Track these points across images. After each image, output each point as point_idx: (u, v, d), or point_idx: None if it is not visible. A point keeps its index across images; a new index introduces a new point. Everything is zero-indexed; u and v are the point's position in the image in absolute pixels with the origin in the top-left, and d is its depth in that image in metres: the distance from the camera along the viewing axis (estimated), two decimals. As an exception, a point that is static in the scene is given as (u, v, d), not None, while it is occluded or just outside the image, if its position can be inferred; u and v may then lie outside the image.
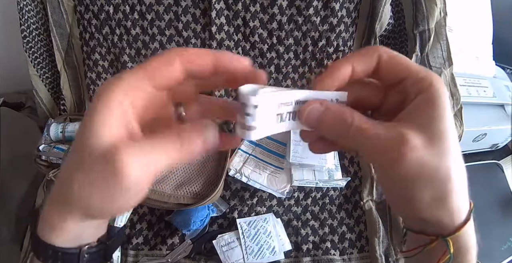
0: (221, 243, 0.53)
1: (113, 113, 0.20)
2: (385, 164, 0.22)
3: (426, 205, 0.22)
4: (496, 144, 0.76)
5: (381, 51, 0.24)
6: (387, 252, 0.55)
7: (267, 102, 0.21)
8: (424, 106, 0.22)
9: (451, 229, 0.24)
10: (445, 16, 0.57)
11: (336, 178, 0.57)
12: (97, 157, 0.20)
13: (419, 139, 0.21)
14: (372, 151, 0.22)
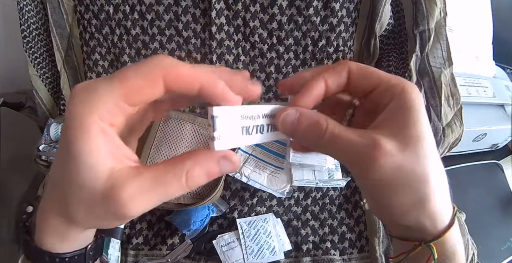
0: (221, 243, 0.53)
1: (99, 140, 0.18)
2: (360, 170, 0.22)
3: (405, 210, 0.22)
4: (496, 144, 0.76)
5: (350, 64, 0.24)
6: (387, 252, 0.55)
7: (226, 114, 0.21)
8: (397, 112, 0.22)
9: (434, 234, 0.23)
10: (445, 16, 0.57)
11: (336, 178, 0.57)
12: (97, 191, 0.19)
13: (392, 144, 0.21)
14: (346, 157, 0.22)
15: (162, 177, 0.19)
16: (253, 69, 0.62)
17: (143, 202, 0.19)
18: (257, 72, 0.62)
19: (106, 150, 0.19)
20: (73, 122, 0.18)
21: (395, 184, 0.21)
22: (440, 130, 0.56)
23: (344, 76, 0.24)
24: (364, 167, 0.21)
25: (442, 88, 0.57)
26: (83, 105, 0.18)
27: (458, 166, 0.70)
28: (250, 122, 0.23)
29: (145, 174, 0.19)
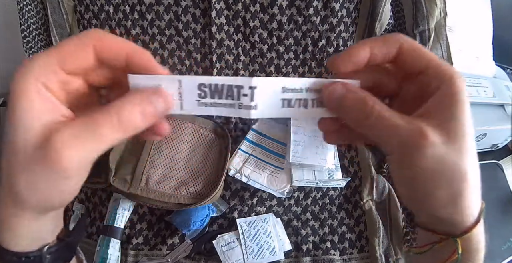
0: (221, 243, 0.53)
1: (34, 100, 0.19)
2: (402, 157, 0.22)
3: (440, 203, 0.22)
4: (496, 144, 0.76)
5: (403, 39, 0.23)
6: (387, 252, 0.55)
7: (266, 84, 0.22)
8: (444, 102, 0.21)
9: (462, 229, 0.23)
10: (445, 16, 0.57)
11: (336, 178, 0.57)
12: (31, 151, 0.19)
13: (437, 135, 0.20)
14: (389, 142, 0.22)
15: (93, 119, 0.19)
16: (253, 69, 0.62)
17: (77, 147, 0.19)
18: (257, 72, 0.62)
19: (41, 107, 0.19)
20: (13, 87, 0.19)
21: (435, 176, 0.21)
22: (440, 130, 0.56)
23: (393, 49, 0.23)
24: (408, 155, 0.21)
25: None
26: (21, 71, 0.20)
27: (458, 166, 0.70)
28: (292, 95, 0.23)
29: (77, 120, 0.20)
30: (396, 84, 0.25)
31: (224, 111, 0.23)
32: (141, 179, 0.52)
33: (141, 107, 0.20)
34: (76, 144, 0.19)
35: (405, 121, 0.21)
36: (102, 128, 0.19)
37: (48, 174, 0.19)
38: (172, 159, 0.55)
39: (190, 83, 0.22)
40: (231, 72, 0.62)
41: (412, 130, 0.20)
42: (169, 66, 0.61)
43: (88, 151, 0.19)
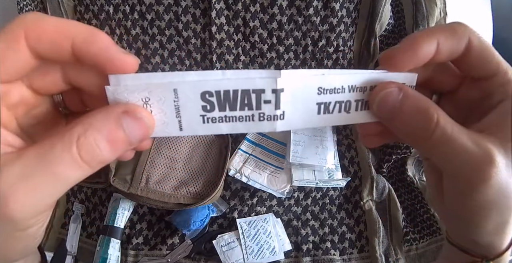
0: (221, 243, 0.53)
1: None
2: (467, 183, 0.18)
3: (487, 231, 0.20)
4: (496, 144, 0.76)
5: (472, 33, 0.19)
6: (387, 252, 0.55)
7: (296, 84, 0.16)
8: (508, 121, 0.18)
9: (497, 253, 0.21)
10: (445, 16, 0.57)
11: (336, 178, 0.57)
12: None
13: (502, 158, 0.17)
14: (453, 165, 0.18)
15: (48, 152, 0.14)
16: (253, 69, 0.62)
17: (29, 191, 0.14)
18: (257, 72, 0.62)
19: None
20: None
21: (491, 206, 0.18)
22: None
23: (463, 45, 0.19)
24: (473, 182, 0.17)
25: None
26: None
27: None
28: (331, 98, 0.17)
29: (27, 154, 0.14)
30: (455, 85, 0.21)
31: (240, 127, 0.17)
32: (141, 179, 0.52)
33: (109, 134, 0.14)
34: (26, 188, 0.14)
35: (473, 143, 0.17)
36: (57, 166, 0.14)
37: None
38: (172, 158, 0.55)
39: (190, 92, 0.16)
40: (231, 72, 0.61)
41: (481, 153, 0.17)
42: (169, 66, 0.61)
43: (43, 196, 0.14)
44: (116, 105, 0.15)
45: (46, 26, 0.15)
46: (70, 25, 0.15)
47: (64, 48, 0.15)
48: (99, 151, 0.14)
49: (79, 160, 0.14)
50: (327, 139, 0.59)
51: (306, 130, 0.59)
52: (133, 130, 0.15)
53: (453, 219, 0.21)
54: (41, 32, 0.14)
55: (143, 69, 0.61)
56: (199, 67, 0.61)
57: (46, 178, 0.14)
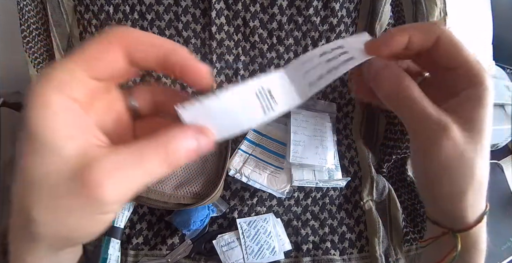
0: (221, 243, 0.53)
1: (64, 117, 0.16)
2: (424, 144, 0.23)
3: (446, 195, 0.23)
4: (496, 144, 0.76)
5: (441, 31, 0.23)
6: (387, 252, 0.55)
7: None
8: (472, 103, 0.22)
9: (463, 226, 0.24)
10: (445, 16, 0.57)
11: (336, 178, 0.57)
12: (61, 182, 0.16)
13: (460, 133, 0.22)
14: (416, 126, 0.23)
15: (140, 151, 0.17)
16: (253, 69, 0.62)
17: (121, 181, 0.16)
18: (257, 72, 0.62)
19: (72, 127, 0.16)
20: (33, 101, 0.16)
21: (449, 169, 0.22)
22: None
23: (431, 39, 0.23)
24: (428, 143, 0.22)
25: (442, 88, 0.57)
26: (42, 82, 0.16)
27: (458, 166, 0.70)
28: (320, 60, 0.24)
29: (121, 150, 0.17)
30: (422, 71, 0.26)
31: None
32: (141, 179, 0.52)
33: (187, 144, 0.19)
34: (119, 177, 0.16)
35: (435, 111, 0.22)
36: (149, 161, 0.17)
37: (82, 209, 0.16)
38: (172, 159, 0.55)
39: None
40: (231, 72, 0.62)
41: (439, 121, 0.22)
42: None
43: (132, 185, 0.17)
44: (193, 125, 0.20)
45: (143, 37, 0.18)
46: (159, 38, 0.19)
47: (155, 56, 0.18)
48: (179, 156, 0.18)
49: (166, 160, 0.18)
50: (327, 139, 0.59)
51: (306, 131, 0.59)
52: (203, 145, 0.19)
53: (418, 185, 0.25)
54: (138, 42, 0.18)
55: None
56: (199, 67, 0.61)
57: (138, 171, 0.17)
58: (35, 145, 0.16)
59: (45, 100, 0.16)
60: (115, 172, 0.16)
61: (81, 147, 0.16)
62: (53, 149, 0.16)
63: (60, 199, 0.16)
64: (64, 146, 0.16)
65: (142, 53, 0.18)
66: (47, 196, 0.16)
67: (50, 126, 0.16)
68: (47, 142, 0.16)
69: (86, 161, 0.16)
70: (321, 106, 0.63)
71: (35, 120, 0.16)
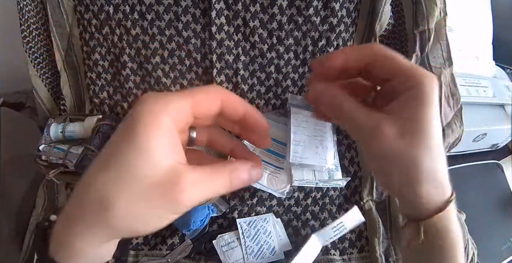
0: (221, 243, 0.53)
1: (167, 137, 0.20)
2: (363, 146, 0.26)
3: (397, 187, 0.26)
4: (496, 144, 0.76)
5: (375, 48, 0.26)
6: (387, 252, 0.55)
7: None
8: (408, 103, 0.25)
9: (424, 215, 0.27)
10: (445, 16, 0.57)
11: (336, 178, 0.57)
12: (156, 183, 0.20)
13: (393, 130, 0.24)
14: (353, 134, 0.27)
15: (212, 173, 0.22)
16: (253, 69, 0.62)
17: (197, 192, 0.21)
18: (257, 72, 0.62)
19: (171, 147, 0.21)
20: (145, 116, 0.20)
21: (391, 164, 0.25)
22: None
23: (366, 55, 0.26)
24: (366, 145, 0.26)
25: (442, 89, 0.57)
26: (157, 103, 0.20)
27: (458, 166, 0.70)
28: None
29: (199, 169, 0.22)
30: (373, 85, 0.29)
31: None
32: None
33: (246, 176, 0.24)
34: (197, 190, 0.21)
35: (367, 115, 0.25)
36: (218, 181, 0.22)
37: (163, 209, 0.21)
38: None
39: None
40: (231, 72, 0.62)
41: (371, 124, 0.25)
42: (169, 66, 0.61)
43: (202, 197, 0.21)
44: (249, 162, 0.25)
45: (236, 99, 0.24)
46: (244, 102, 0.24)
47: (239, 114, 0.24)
48: (238, 182, 0.23)
49: (229, 183, 0.23)
50: (327, 139, 0.59)
51: (306, 131, 0.59)
52: (255, 176, 0.24)
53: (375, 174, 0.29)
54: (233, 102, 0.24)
55: (143, 69, 0.61)
56: (199, 67, 0.61)
57: (209, 188, 0.22)
58: (138, 150, 0.20)
59: (160, 121, 0.20)
60: (195, 185, 0.21)
61: (174, 161, 0.21)
62: (153, 159, 0.20)
63: (145, 198, 0.20)
64: (162, 159, 0.20)
65: (232, 109, 0.24)
66: (134, 193, 0.20)
67: (157, 142, 0.20)
68: (151, 153, 0.20)
69: (176, 173, 0.20)
70: (321, 106, 0.63)
71: (146, 132, 0.20)
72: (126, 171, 0.20)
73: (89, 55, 0.62)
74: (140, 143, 0.20)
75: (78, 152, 0.54)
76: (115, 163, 0.20)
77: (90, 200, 0.20)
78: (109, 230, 0.21)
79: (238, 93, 0.63)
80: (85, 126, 0.57)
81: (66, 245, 0.22)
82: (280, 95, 0.64)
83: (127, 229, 0.21)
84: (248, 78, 0.63)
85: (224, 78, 0.62)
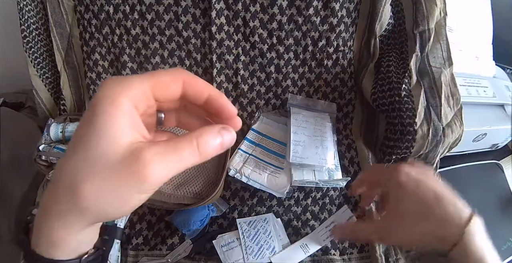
0: (221, 243, 0.53)
1: (126, 117, 0.20)
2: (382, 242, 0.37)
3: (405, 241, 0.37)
4: (496, 144, 0.76)
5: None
6: (387, 252, 0.55)
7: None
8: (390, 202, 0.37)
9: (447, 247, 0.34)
10: (445, 16, 0.57)
11: (336, 178, 0.57)
12: (114, 163, 0.20)
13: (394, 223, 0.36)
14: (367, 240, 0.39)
15: (176, 143, 0.21)
16: (253, 69, 0.62)
17: (162, 165, 0.20)
18: (257, 72, 0.62)
19: (130, 125, 0.21)
20: (104, 99, 0.20)
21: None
22: (440, 131, 0.56)
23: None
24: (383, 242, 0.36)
25: (442, 88, 0.57)
26: (116, 86, 0.21)
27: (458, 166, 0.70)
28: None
29: (161, 142, 0.21)
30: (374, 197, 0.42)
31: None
32: (141, 179, 0.52)
33: (215, 139, 0.23)
34: (161, 163, 0.20)
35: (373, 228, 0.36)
36: (184, 151, 0.21)
37: (129, 187, 0.20)
38: (172, 159, 0.55)
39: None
40: (231, 72, 0.62)
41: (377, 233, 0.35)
42: (169, 66, 0.61)
43: (169, 170, 0.21)
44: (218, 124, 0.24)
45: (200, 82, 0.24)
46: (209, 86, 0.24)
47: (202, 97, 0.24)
48: (207, 147, 0.22)
49: (197, 150, 0.22)
50: (327, 139, 0.59)
51: (306, 131, 0.59)
52: (227, 140, 0.23)
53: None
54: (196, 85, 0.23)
55: (143, 69, 0.61)
56: (199, 67, 0.61)
57: (174, 158, 0.21)
58: (98, 131, 0.20)
59: (118, 102, 0.20)
60: (158, 158, 0.20)
61: (132, 140, 0.20)
62: (113, 137, 0.20)
63: (109, 177, 0.20)
64: (121, 136, 0.20)
65: (194, 92, 0.24)
66: (98, 173, 0.20)
67: (115, 122, 0.20)
68: (110, 132, 0.20)
69: (135, 149, 0.20)
70: (321, 106, 0.63)
71: (104, 114, 0.20)
72: (89, 153, 0.20)
73: (89, 55, 0.62)
74: (99, 124, 0.20)
75: (78, 152, 0.54)
76: (79, 146, 0.20)
77: (61, 186, 0.20)
78: (81, 214, 0.21)
79: (238, 93, 0.63)
80: (85, 126, 0.57)
81: (45, 236, 0.22)
82: (280, 95, 0.64)
83: (97, 212, 0.21)
84: (248, 78, 0.63)
85: (224, 78, 0.62)
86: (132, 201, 0.21)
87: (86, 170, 0.20)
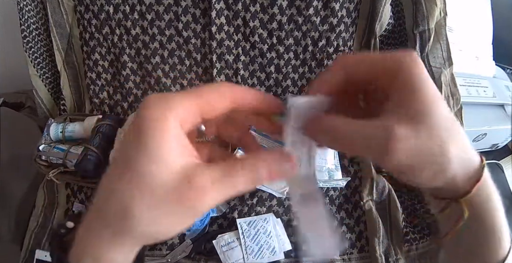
0: (221, 243, 0.53)
1: (176, 140, 0.20)
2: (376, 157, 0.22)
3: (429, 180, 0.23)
4: (496, 144, 0.76)
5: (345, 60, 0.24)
6: (387, 252, 0.55)
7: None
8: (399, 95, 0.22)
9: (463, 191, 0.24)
10: (445, 16, 0.57)
11: (336, 178, 0.57)
12: (171, 186, 0.19)
13: (404, 129, 0.21)
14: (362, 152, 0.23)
15: (231, 169, 0.21)
16: (253, 69, 0.62)
17: (214, 191, 0.20)
18: (257, 72, 0.62)
19: (181, 150, 0.20)
20: (152, 122, 0.20)
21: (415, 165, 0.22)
22: (440, 130, 0.56)
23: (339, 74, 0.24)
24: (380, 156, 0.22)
25: (442, 88, 0.57)
26: (163, 108, 0.20)
27: (458, 166, 0.70)
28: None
29: (215, 166, 0.21)
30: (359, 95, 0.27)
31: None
32: (141, 179, 0.52)
33: (271, 167, 0.22)
34: (214, 189, 0.20)
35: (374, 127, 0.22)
36: (237, 178, 0.21)
37: (182, 213, 0.20)
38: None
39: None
40: (231, 72, 0.62)
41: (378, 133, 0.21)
42: (169, 66, 0.61)
43: (221, 196, 0.20)
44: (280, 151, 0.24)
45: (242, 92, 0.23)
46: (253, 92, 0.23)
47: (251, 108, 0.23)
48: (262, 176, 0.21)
49: (250, 178, 0.21)
50: (327, 139, 0.59)
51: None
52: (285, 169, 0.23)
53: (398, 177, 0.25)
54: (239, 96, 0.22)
55: (143, 69, 0.61)
56: (199, 67, 0.61)
57: (226, 185, 0.20)
58: (149, 155, 0.19)
59: (167, 126, 0.20)
60: (211, 184, 0.20)
61: (185, 164, 0.20)
62: (165, 162, 0.20)
63: (163, 204, 0.20)
64: (173, 161, 0.20)
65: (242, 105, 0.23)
66: (151, 200, 0.20)
67: (166, 146, 0.20)
68: (162, 157, 0.19)
69: (188, 174, 0.20)
70: (321, 106, 0.63)
71: (154, 137, 0.20)
72: (142, 180, 0.20)
73: (89, 55, 0.62)
74: (149, 150, 0.19)
75: (78, 151, 0.54)
76: (129, 172, 0.20)
77: (113, 211, 0.20)
78: (136, 238, 0.21)
79: (238, 93, 0.63)
80: (85, 126, 0.57)
81: (94, 256, 0.21)
82: (280, 95, 0.64)
83: (152, 235, 0.21)
84: (248, 78, 0.63)
85: (224, 78, 0.62)
86: (184, 224, 0.21)
87: (140, 196, 0.20)
